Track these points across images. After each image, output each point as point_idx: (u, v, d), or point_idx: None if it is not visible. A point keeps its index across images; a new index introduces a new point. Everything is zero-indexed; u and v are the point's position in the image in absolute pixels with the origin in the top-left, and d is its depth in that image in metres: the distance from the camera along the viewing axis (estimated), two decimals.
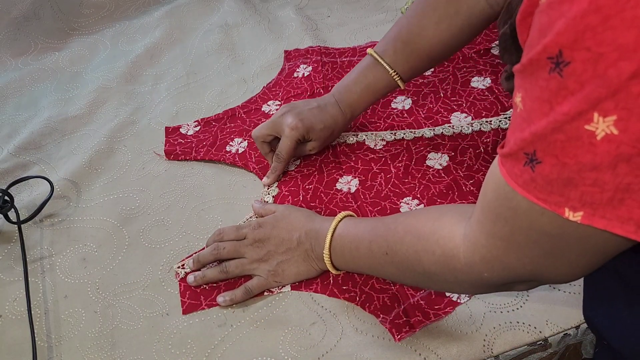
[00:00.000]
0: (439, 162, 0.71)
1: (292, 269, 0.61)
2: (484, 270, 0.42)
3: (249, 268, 0.61)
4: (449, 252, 0.45)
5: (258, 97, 0.86)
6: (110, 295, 0.63)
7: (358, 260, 0.56)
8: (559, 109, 0.30)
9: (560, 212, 0.33)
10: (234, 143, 0.78)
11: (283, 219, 0.63)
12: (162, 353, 0.57)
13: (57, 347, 0.59)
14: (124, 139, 0.82)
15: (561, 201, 0.33)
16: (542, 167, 0.32)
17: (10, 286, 0.65)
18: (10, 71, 0.97)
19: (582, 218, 0.32)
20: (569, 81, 0.29)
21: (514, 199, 0.36)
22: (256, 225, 0.63)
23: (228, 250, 0.62)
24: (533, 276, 0.41)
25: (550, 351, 0.57)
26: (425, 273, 0.48)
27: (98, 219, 0.71)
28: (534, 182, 0.33)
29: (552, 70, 0.30)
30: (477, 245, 0.41)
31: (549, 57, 0.30)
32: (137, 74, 0.93)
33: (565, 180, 0.32)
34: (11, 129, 0.86)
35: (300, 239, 0.60)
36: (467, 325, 0.56)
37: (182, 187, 0.74)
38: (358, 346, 0.56)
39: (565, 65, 0.29)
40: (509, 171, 0.35)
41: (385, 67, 0.68)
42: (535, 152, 0.32)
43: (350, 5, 1.03)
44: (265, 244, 0.61)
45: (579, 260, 0.37)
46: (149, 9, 1.08)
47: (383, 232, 0.52)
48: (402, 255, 0.50)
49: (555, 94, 0.30)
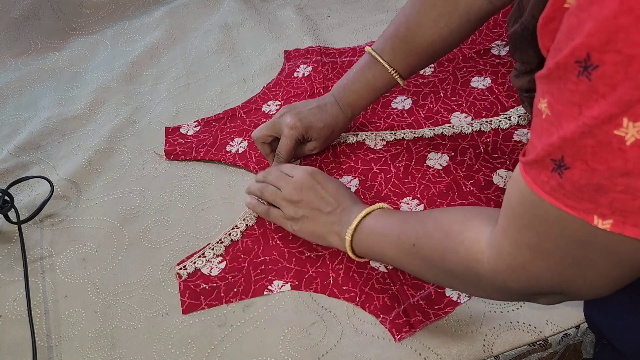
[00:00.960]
0: (439, 162, 0.71)
1: (310, 228, 0.62)
2: (509, 279, 0.41)
3: (280, 201, 0.63)
4: (473, 255, 0.44)
5: (258, 97, 0.86)
6: (110, 295, 0.63)
7: (383, 250, 0.55)
8: (588, 113, 0.29)
9: (589, 219, 0.32)
10: (234, 143, 0.78)
11: (334, 184, 0.63)
12: (162, 353, 0.57)
13: (57, 347, 0.59)
14: (124, 139, 0.82)
15: (590, 208, 0.32)
16: (571, 173, 0.32)
17: (10, 286, 0.65)
18: (10, 71, 0.97)
19: (612, 226, 0.31)
20: (599, 84, 0.28)
21: (541, 207, 0.35)
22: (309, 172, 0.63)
23: (273, 178, 0.65)
24: (560, 288, 0.39)
25: (550, 351, 0.57)
26: (449, 271, 0.48)
27: (98, 219, 0.71)
28: (562, 188, 0.32)
29: (580, 74, 0.29)
30: (502, 253, 0.41)
31: (576, 60, 0.29)
32: (137, 74, 0.94)
33: (595, 186, 0.31)
34: (11, 129, 0.86)
35: (335, 210, 0.60)
36: (467, 325, 0.56)
37: (182, 187, 0.74)
38: (358, 346, 0.56)
39: (594, 68, 0.28)
40: (535, 179, 0.34)
41: (384, 65, 0.67)
42: (563, 158, 0.32)
43: (350, 5, 1.03)
44: (304, 191, 0.62)
45: (608, 272, 0.36)
46: (149, 9, 1.08)
47: (414, 224, 0.52)
48: (429, 250, 0.49)
49: (586, 98, 0.29)
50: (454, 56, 0.86)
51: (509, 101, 0.77)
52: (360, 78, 0.69)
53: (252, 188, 0.67)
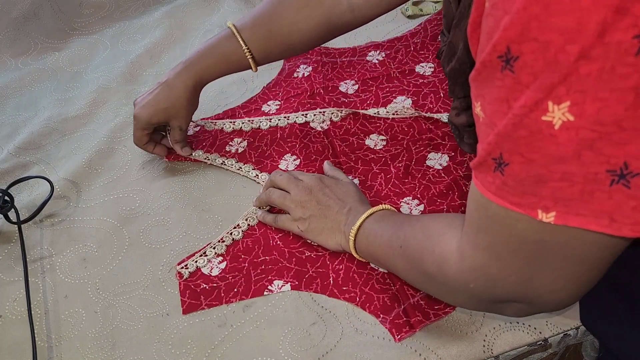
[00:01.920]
0: (439, 162, 0.71)
1: (317, 227, 0.62)
2: (470, 280, 0.42)
3: (288, 204, 0.64)
4: (445, 255, 0.45)
5: (258, 97, 0.86)
6: (110, 295, 0.63)
7: (376, 249, 0.56)
8: (516, 104, 0.30)
9: (534, 214, 0.32)
10: (233, 143, 0.78)
11: (343, 186, 0.64)
12: (162, 353, 0.58)
13: (57, 347, 0.59)
14: (124, 139, 0.82)
15: (534, 202, 0.32)
16: (511, 169, 0.32)
17: (10, 286, 0.65)
18: (10, 71, 0.97)
19: (556, 218, 0.31)
20: (522, 75, 0.29)
21: (490, 209, 0.35)
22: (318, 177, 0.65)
23: (283, 180, 0.66)
24: (519, 292, 0.40)
25: (550, 351, 0.57)
26: (425, 273, 0.48)
27: (98, 219, 0.71)
28: (506, 186, 0.33)
29: (503, 69, 0.30)
30: (464, 255, 0.41)
31: (499, 55, 0.30)
32: (137, 74, 0.93)
33: (535, 177, 0.31)
34: (11, 129, 0.86)
35: (342, 210, 0.61)
36: (467, 325, 0.56)
37: (182, 187, 0.74)
38: (358, 346, 0.56)
39: (515, 60, 0.29)
40: (482, 181, 0.35)
41: (239, 43, 0.68)
42: (502, 155, 0.32)
43: None
44: (312, 194, 0.63)
45: (564, 272, 0.35)
46: (149, 9, 1.08)
47: (405, 227, 0.53)
48: (411, 251, 0.50)
49: (512, 90, 0.30)
50: None
51: None
52: (216, 48, 0.69)
53: (261, 196, 0.68)
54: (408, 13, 0.98)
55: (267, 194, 0.66)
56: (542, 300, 0.40)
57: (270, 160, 0.75)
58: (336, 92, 0.84)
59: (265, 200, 0.67)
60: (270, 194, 0.66)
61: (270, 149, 0.77)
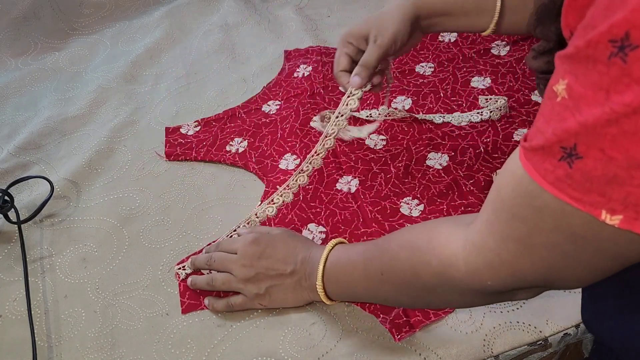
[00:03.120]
0: (439, 162, 0.71)
1: (280, 296, 0.57)
2: (488, 277, 0.39)
3: (236, 286, 0.58)
4: (447, 260, 0.42)
5: (258, 97, 0.86)
6: (110, 295, 0.63)
7: (354, 286, 0.53)
8: (617, 99, 0.27)
9: (597, 214, 0.30)
10: (234, 143, 0.78)
11: (280, 241, 0.59)
12: (162, 353, 0.57)
13: (57, 347, 0.59)
14: (124, 139, 0.82)
15: (600, 202, 0.29)
16: (584, 163, 0.29)
17: (10, 286, 0.65)
18: (10, 71, 0.97)
19: (621, 222, 0.29)
20: (635, 67, 0.26)
21: (539, 198, 0.32)
22: (250, 242, 0.59)
23: (218, 264, 0.60)
24: (543, 282, 0.38)
25: (550, 351, 0.57)
26: (423, 288, 0.46)
27: (98, 219, 0.71)
28: (570, 179, 0.30)
29: (613, 55, 0.26)
30: (483, 249, 0.38)
31: (611, 39, 0.26)
32: (137, 74, 0.93)
33: (610, 177, 0.28)
34: (11, 129, 0.86)
35: (296, 267, 0.57)
36: (467, 325, 0.56)
37: (182, 187, 0.74)
38: (358, 346, 0.56)
39: (633, 49, 0.25)
40: (537, 166, 0.32)
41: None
42: (575, 146, 0.29)
43: (350, 5, 1.03)
44: (255, 265, 0.58)
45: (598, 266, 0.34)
46: (149, 9, 1.08)
47: (377, 253, 0.50)
48: (399, 272, 0.47)
49: (616, 82, 0.26)
50: (453, 56, 0.86)
51: (509, 101, 0.77)
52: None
53: (198, 283, 0.61)
54: None
55: (209, 283, 0.60)
56: (562, 285, 0.38)
57: (271, 160, 0.75)
58: (336, 92, 0.84)
59: (208, 288, 0.61)
60: (213, 282, 0.60)
61: (271, 149, 0.77)
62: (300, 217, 0.68)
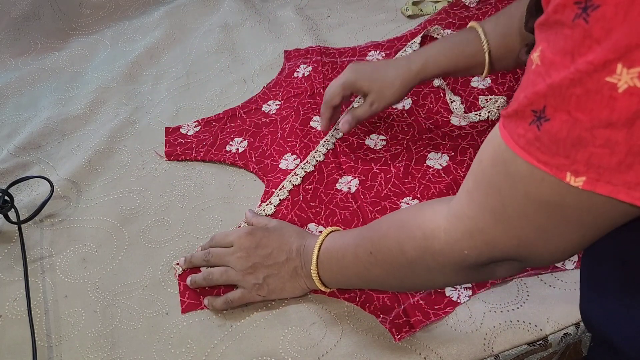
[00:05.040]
0: (439, 162, 0.71)
1: (278, 285, 0.58)
2: (465, 246, 0.40)
3: (234, 278, 0.59)
4: (430, 233, 0.43)
5: (258, 97, 0.86)
6: (110, 295, 0.63)
7: (345, 270, 0.54)
8: (581, 60, 0.28)
9: (562, 176, 0.31)
10: (234, 143, 0.78)
11: (275, 232, 0.60)
12: (162, 353, 0.57)
13: (57, 347, 0.59)
14: (124, 139, 0.82)
15: (565, 164, 0.30)
16: (551, 125, 0.30)
17: (10, 286, 0.65)
18: (10, 71, 0.97)
19: (585, 183, 0.30)
20: (595, 28, 0.27)
21: (512, 164, 0.33)
22: (245, 234, 0.60)
23: (215, 258, 0.61)
24: (517, 254, 0.38)
25: (550, 351, 0.57)
26: (408, 263, 0.47)
27: (98, 219, 0.71)
28: (538, 141, 0.31)
29: (577, 16, 0.27)
30: (462, 217, 0.40)
31: (576, 0, 0.27)
32: (137, 74, 0.94)
33: (574, 139, 0.29)
34: (11, 129, 0.86)
35: (291, 255, 0.58)
36: (467, 324, 0.56)
37: (182, 187, 0.74)
38: (358, 346, 0.56)
39: (594, 9, 0.26)
40: (511, 132, 0.33)
41: (479, 34, 0.64)
42: (545, 109, 0.30)
43: (350, 5, 1.03)
44: (251, 256, 0.58)
45: (572, 235, 0.35)
46: (149, 9, 1.08)
47: (368, 234, 0.51)
48: (386, 250, 0.48)
49: (580, 44, 0.28)
50: None
51: (509, 101, 0.77)
52: (449, 39, 0.66)
53: (197, 280, 0.61)
54: (408, 13, 0.98)
55: (206, 278, 0.60)
56: (537, 259, 0.39)
57: (271, 160, 0.75)
58: None
59: (204, 284, 0.61)
60: (211, 275, 0.60)
61: (271, 149, 0.77)
62: (300, 217, 0.68)
